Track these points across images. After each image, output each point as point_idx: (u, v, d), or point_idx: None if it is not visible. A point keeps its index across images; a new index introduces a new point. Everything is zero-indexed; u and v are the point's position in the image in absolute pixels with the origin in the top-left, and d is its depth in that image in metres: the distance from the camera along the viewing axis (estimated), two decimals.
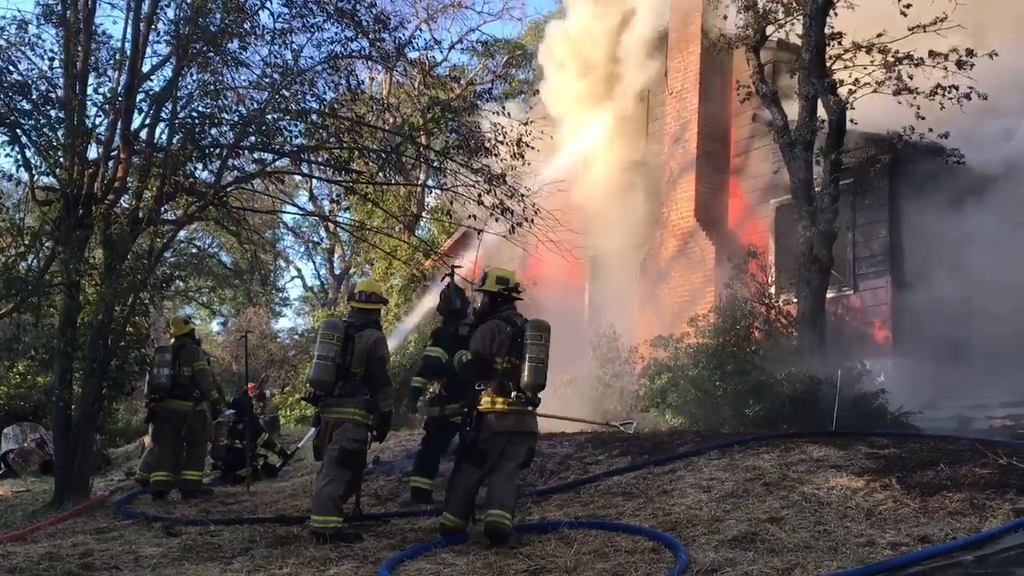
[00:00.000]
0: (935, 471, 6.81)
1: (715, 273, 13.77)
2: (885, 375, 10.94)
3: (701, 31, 14.87)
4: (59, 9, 9.58)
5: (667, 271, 14.87)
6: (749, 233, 14.09)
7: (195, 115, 9.84)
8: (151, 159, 9.68)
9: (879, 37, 10.98)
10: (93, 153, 9.54)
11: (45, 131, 9.26)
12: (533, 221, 10.47)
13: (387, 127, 13.26)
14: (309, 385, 7.09)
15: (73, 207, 9.01)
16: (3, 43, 9.39)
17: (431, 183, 19.13)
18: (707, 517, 6.40)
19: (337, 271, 36.30)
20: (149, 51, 9.79)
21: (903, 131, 10.88)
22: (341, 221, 24.21)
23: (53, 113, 9.33)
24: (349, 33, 10.33)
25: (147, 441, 12.34)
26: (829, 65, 11.16)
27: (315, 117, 10.36)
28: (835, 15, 11.17)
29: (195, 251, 26.73)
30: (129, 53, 9.51)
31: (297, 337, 28.95)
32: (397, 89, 24.92)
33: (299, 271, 44.71)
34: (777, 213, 13.77)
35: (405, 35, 12.45)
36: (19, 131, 9.24)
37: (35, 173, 9.51)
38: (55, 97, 9.48)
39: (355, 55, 10.66)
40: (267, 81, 10.26)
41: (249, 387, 12.55)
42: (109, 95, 9.54)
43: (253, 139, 10.18)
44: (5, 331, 10.89)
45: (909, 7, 10.55)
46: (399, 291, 20.51)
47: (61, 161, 9.17)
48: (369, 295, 7.18)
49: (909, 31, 10.72)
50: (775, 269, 13.21)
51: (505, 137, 10.49)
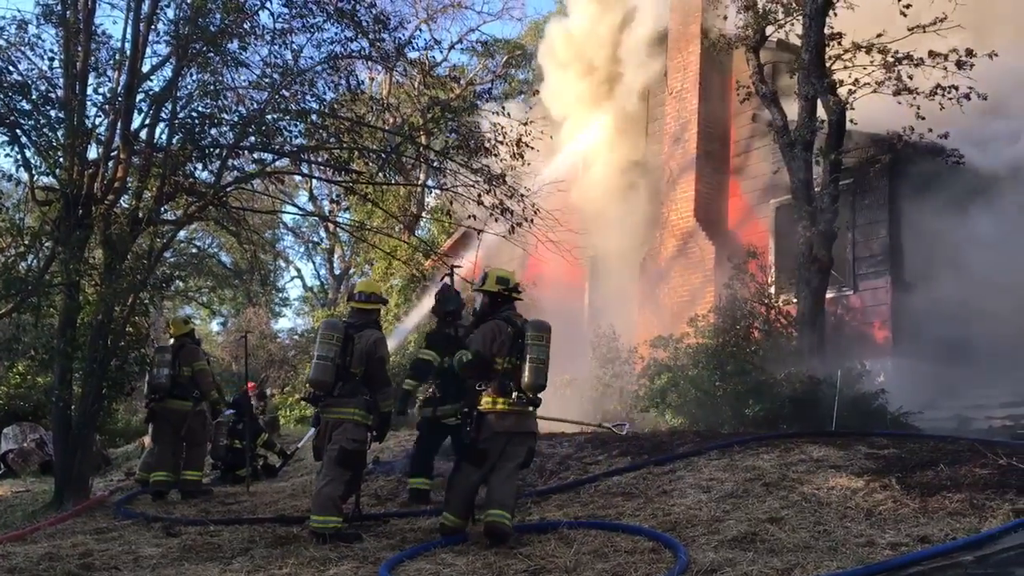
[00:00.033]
0: (935, 471, 6.81)
1: (715, 273, 13.77)
2: (885, 375, 10.94)
3: (701, 31, 14.88)
4: (59, 9, 9.57)
5: (667, 271, 14.87)
6: (749, 233, 14.09)
7: (195, 115, 9.84)
8: (151, 159, 9.68)
9: (879, 37, 10.98)
10: (93, 153, 9.55)
11: (45, 131, 9.25)
12: (533, 221, 10.46)
13: (387, 127, 13.26)
14: (309, 385, 7.09)
15: (73, 207, 9.01)
16: (3, 43, 9.38)
17: (431, 183, 19.14)
18: (707, 517, 6.40)
19: (337, 271, 36.28)
20: (149, 51, 9.81)
21: (903, 131, 10.89)
22: (341, 221, 24.26)
23: (53, 113, 9.33)
24: (349, 33, 10.33)
25: (147, 441, 12.34)
26: (829, 65, 11.17)
27: (315, 117, 10.36)
28: (835, 15, 11.17)
29: (195, 251, 26.70)
30: (129, 53, 9.50)
31: (297, 337, 28.95)
32: (397, 89, 24.90)
33: (299, 271, 44.75)
34: (777, 213, 13.78)
35: (405, 35, 12.45)
36: (19, 131, 9.23)
37: (35, 173, 9.51)
38: (55, 97, 9.47)
39: (355, 55, 10.66)
40: (267, 81, 10.26)
41: (249, 386, 12.54)
42: (109, 95, 9.54)
43: (253, 139, 10.18)
44: (5, 331, 10.87)
45: (909, 7, 10.55)
46: (399, 291, 20.50)
47: (61, 161, 9.16)
48: (369, 295, 7.18)
49: (909, 31, 10.73)
50: (775, 269, 13.22)
51: (505, 137, 10.50)
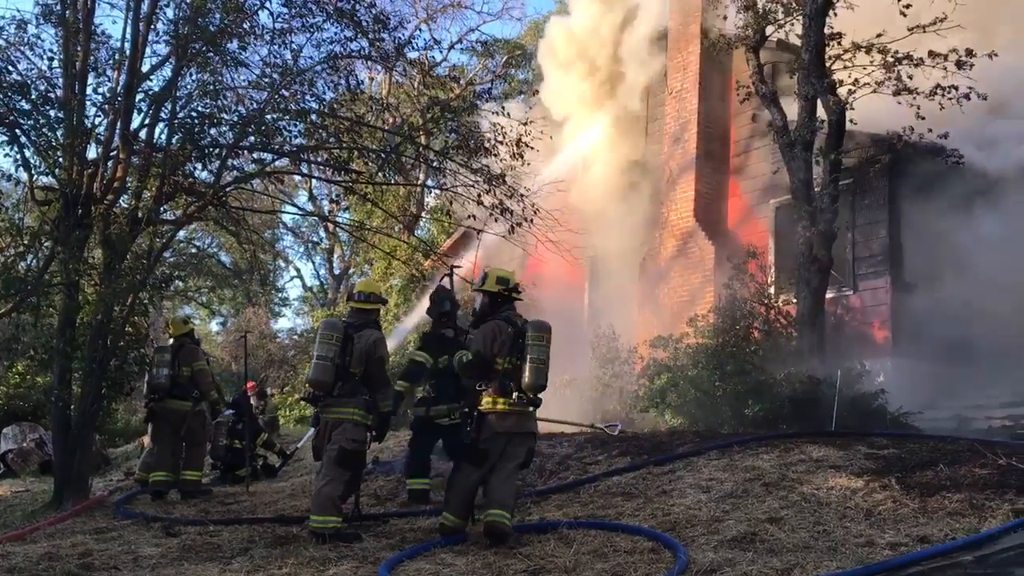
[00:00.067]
0: (934, 471, 6.80)
1: (714, 273, 13.77)
2: (884, 375, 10.94)
3: (701, 31, 14.88)
4: (58, 9, 9.57)
5: (666, 271, 14.87)
6: (749, 233, 14.08)
7: (194, 115, 9.84)
8: (150, 159, 9.67)
9: (879, 37, 10.98)
10: (92, 153, 9.55)
11: (44, 131, 9.25)
12: (532, 221, 10.46)
13: (386, 127, 13.25)
14: (308, 385, 7.08)
15: (72, 207, 9.01)
16: (2, 43, 9.38)
17: (431, 183, 19.10)
18: (706, 517, 6.40)
19: (336, 271, 36.26)
20: (148, 51, 9.82)
21: (903, 131, 10.88)
22: (340, 221, 24.22)
23: (52, 113, 9.33)
24: (348, 33, 10.34)
25: (146, 441, 12.34)
26: (829, 65, 11.16)
27: (314, 117, 10.36)
28: (835, 15, 11.17)
29: (194, 251, 26.72)
30: (128, 53, 9.51)
31: (296, 337, 28.96)
32: (397, 89, 24.90)
33: (298, 271, 44.75)
34: (777, 213, 13.77)
35: (405, 35, 12.45)
36: (18, 131, 9.23)
37: (34, 173, 9.51)
38: (54, 97, 9.47)
39: (354, 55, 10.67)
40: (266, 81, 10.26)
41: (248, 386, 12.54)
42: (108, 95, 9.53)
43: (252, 139, 10.18)
44: (4, 331, 10.87)
45: (909, 7, 10.55)
46: (398, 291, 20.49)
47: (60, 161, 9.16)
48: (368, 295, 7.18)
49: (909, 31, 10.72)
50: (774, 269, 13.22)
51: (504, 137, 10.50)
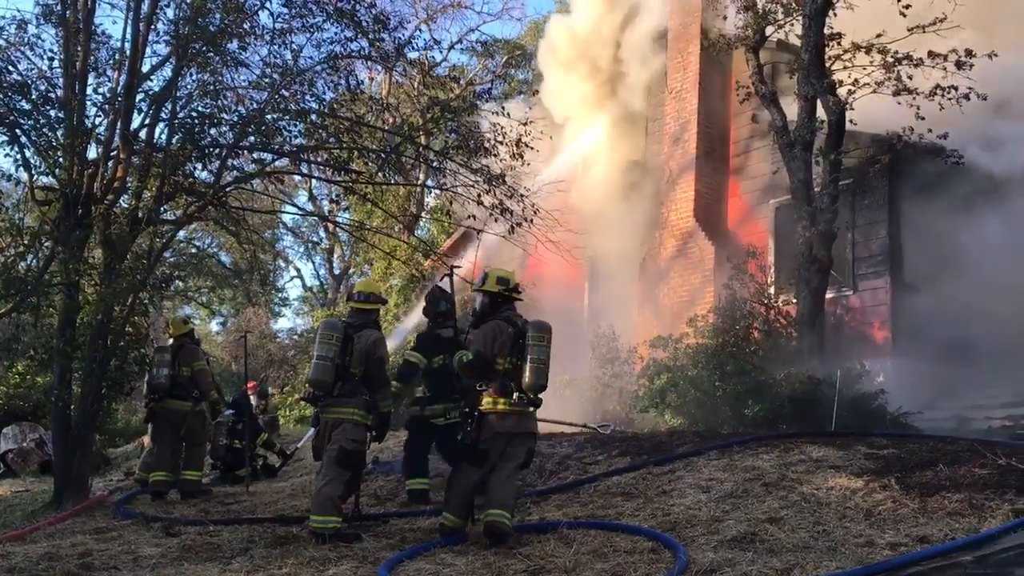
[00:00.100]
0: (934, 471, 6.81)
1: (714, 273, 13.77)
2: (884, 375, 10.94)
3: (700, 31, 14.88)
4: (59, 9, 9.57)
5: (666, 271, 14.87)
6: (748, 233, 14.09)
7: (195, 115, 9.84)
8: (150, 159, 9.67)
9: (878, 37, 10.98)
10: (92, 153, 9.54)
11: (44, 131, 9.25)
12: (532, 221, 10.46)
13: (386, 127, 13.24)
14: (308, 385, 7.08)
15: (72, 207, 9.01)
16: (3, 43, 9.38)
17: (430, 183, 19.10)
18: (706, 517, 6.40)
19: (336, 271, 36.26)
20: (149, 51, 9.81)
21: (902, 131, 10.88)
22: (340, 221, 24.21)
23: (52, 113, 9.32)
24: (349, 33, 10.33)
25: (146, 441, 12.34)
26: (828, 65, 11.16)
27: (314, 117, 10.36)
28: (834, 15, 11.17)
29: (194, 251, 26.71)
30: (129, 53, 9.50)
31: (296, 337, 28.96)
32: (397, 89, 24.90)
33: (298, 271, 44.75)
34: (776, 213, 13.78)
35: (405, 35, 12.43)
36: (19, 131, 9.22)
37: (34, 173, 9.51)
38: (54, 97, 9.47)
39: (355, 55, 10.66)
40: (267, 81, 10.25)
41: (249, 386, 12.54)
42: (109, 95, 9.53)
43: (252, 139, 10.17)
44: (4, 331, 10.87)
45: (908, 7, 10.55)
46: (398, 291, 20.49)
47: (60, 161, 9.16)
48: (368, 295, 7.18)
49: (909, 31, 10.73)
50: (774, 269, 13.22)
51: (504, 137, 10.50)
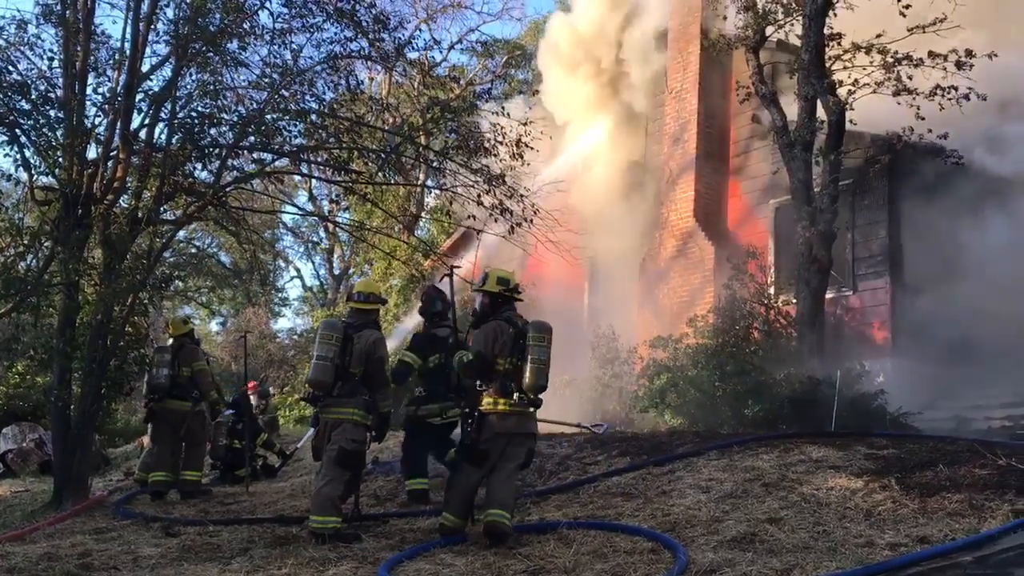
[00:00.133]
0: (934, 472, 6.80)
1: (714, 274, 13.77)
2: (884, 376, 10.94)
3: (700, 31, 14.88)
4: (58, 9, 9.57)
5: (666, 272, 14.87)
6: (748, 233, 14.09)
7: (194, 115, 9.83)
8: (150, 159, 9.67)
9: (878, 38, 10.97)
10: (92, 153, 9.55)
11: (44, 131, 9.25)
12: (532, 221, 10.46)
13: (386, 127, 13.25)
14: (308, 385, 7.09)
15: (72, 207, 9.00)
16: (3, 43, 9.38)
17: (430, 183, 19.10)
18: (706, 518, 6.40)
19: (336, 271, 36.25)
20: (148, 51, 9.81)
21: (902, 132, 10.88)
22: (340, 221, 24.20)
23: (52, 113, 9.33)
24: (348, 33, 10.33)
25: (146, 441, 12.33)
26: (828, 66, 11.16)
27: (314, 117, 10.36)
28: (834, 16, 11.16)
29: (194, 251, 26.66)
30: (128, 53, 9.50)
31: (296, 337, 28.99)
32: (396, 89, 24.89)
33: (298, 271, 44.70)
34: (776, 213, 13.78)
35: (404, 35, 12.45)
36: (18, 131, 9.22)
37: (34, 173, 9.51)
38: (54, 97, 9.46)
39: (354, 55, 10.66)
40: (266, 81, 10.25)
41: (249, 386, 12.53)
42: (108, 95, 9.53)
43: (252, 139, 10.17)
44: (4, 331, 10.87)
45: (908, 7, 10.55)
46: (398, 291, 20.48)
47: (60, 161, 9.16)
48: (368, 295, 7.18)
49: (909, 31, 10.72)
50: (774, 269, 13.22)
51: (504, 137, 10.50)
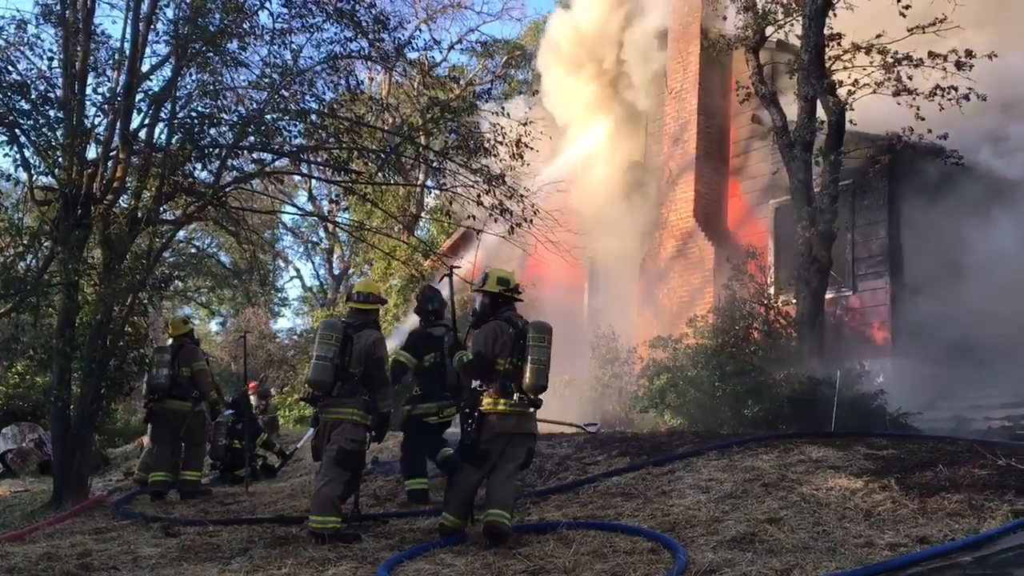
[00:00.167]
0: (934, 472, 6.80)
1: (714, 274, 13.78)
2: (884, 376, 10.93)
3: (700, 31, 14.88)
4: (58, 9, 9.57)
5: (666, 272, 14.87)
6: (748, 234, 14.09)
7: (194, 115, 9.83)
8: (150, 159, 9.67)
9: (878, 38, 10.97)
10: (92, 153, 9.55)
11: (44, 131, 9.25)
12: (532, 222, 10.46)
13: (386, 127, 13.25)
14: (308, 385, 7.09)
15: (72, 207, 9.01)
16: (2, 43, 9.38)
17: (430, 183, 19.10)
18: (706, 518, 6.40)
19: (336, 271, 36.27)
20: (148, 51, 9.81)
21: (902, 132, 10.87)
22: (340, 221, 24.22)
23: (52, 113, 9.33)
24: (348, 33, 10.33)
25: (145, 441, 12.33)
26: (828, 66, 11.15)
27: (314, 117, 10.36)
28: (834, 16, 11.16)
29: (194, 251, 26.65)
30: (128, 53, 9.51)
31: (296, 337, 29.01)
32: (396, 89, 24.90)
33: (298, 271, 44.76)
34: (776, 214, 13.77)
35: (404, 35, 12.44)
36: (18, 131, 9.22)
37: (34, 173, 9.50)
38: (54, 97, 9.47)
39: (354, 55, 10.66)
40: (266, 81, 10.25)
41: (250, 386, 12.53)
42: (108, 95, 9.53)
43: (252, 139, 10.17)
44: (4, 331, 10.87)
45: (908, 8, 10.54)
46: (398, 291, 20.49)
47: (60, 161, 9.16)
48: (367, 295, 7.18)
49: (908, 32, 10.72)
50: (774, 270, 13.21)
51: (504, 138, 10.50)
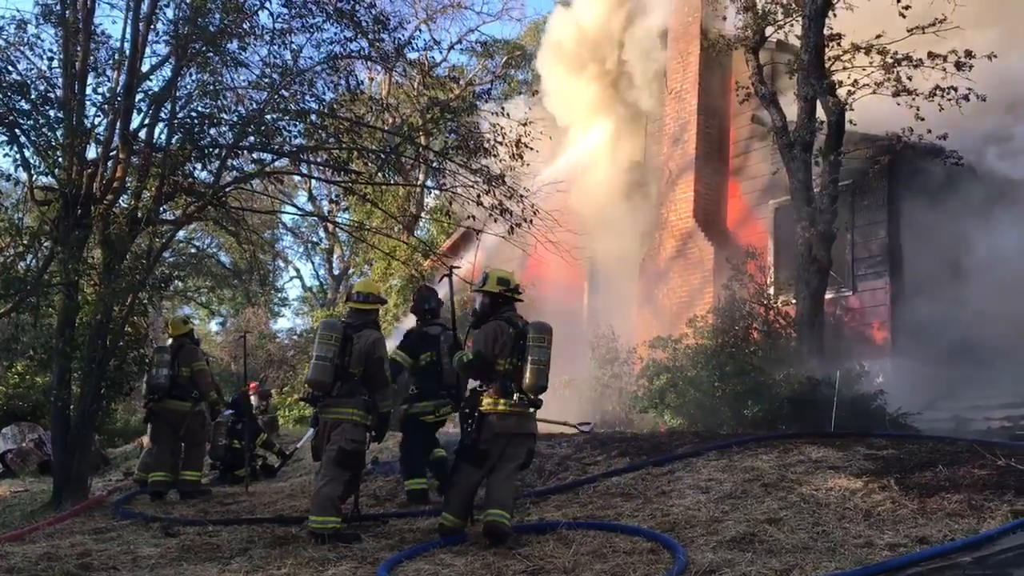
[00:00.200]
0: (933, 472, 6.80)
1: (714, 274, 13.78)
2: (883, 376, 10.93)
3: (700, 31, 14.88)
4: (58, 9, 9.57)
5: (666, 272, 14.87)
6: (748, 234, 14.09)
7: (194, 115, 9.84)
8: (150, 159, 9.67)
9: (878, 38, 10.97)
10: (92, 153, 9.56)
11: (44, 131, 9.25)
12: (532, 222, 10.46)
13: (386, 127, 13.25)
14: (307, 385, 7.09)
15: (72, 207, 9.01)
16: (2, 43, 9.38)
17: (430, 183, 19.10)
18: (705, 518, 6.40)
19: (336, 271, 36.27)
20: (148, 51, 9.82)
21: (902, 132, 10.88)
22: (340, 221, 24.21)
23: (52, 113, 9.33)
24: (348, 33, 10.34)
25: (145, 441, 12.33)
26: (828, 66, 11.15)
27: (314, 117, 10.36)
28: (834, 16, 11.16)
29: (194, 251, 26.64)
30: (128, 53, 9.51)
31: (296, 337, 28.99)
32: (396, 89, 24.89)
33: (298, 271, 44.74)
34: (776, 214, 13.77)
35: (404, 35, 12.42)
36: (18, 131, 9.23)
37: (34, 173, 9.51)
38: (54, 97, 9.47)
39: (354, 55, 10.67)
40: (266, 81, 10.26)
41: (251, 386, 12.52)
42: (108, 95, 9.54)
43: (252, 139, 10.18)
44: (4, 331, 10.87)
45: (908, 8, 10.54)
46: (398, 291, 20.49)
47: (60, 161, 9.16)
48: (367, 295, 7.18)
49: (908, 32, 10.72)
50: (774, 270, 13.21)
51: (504, 138, 10.50)
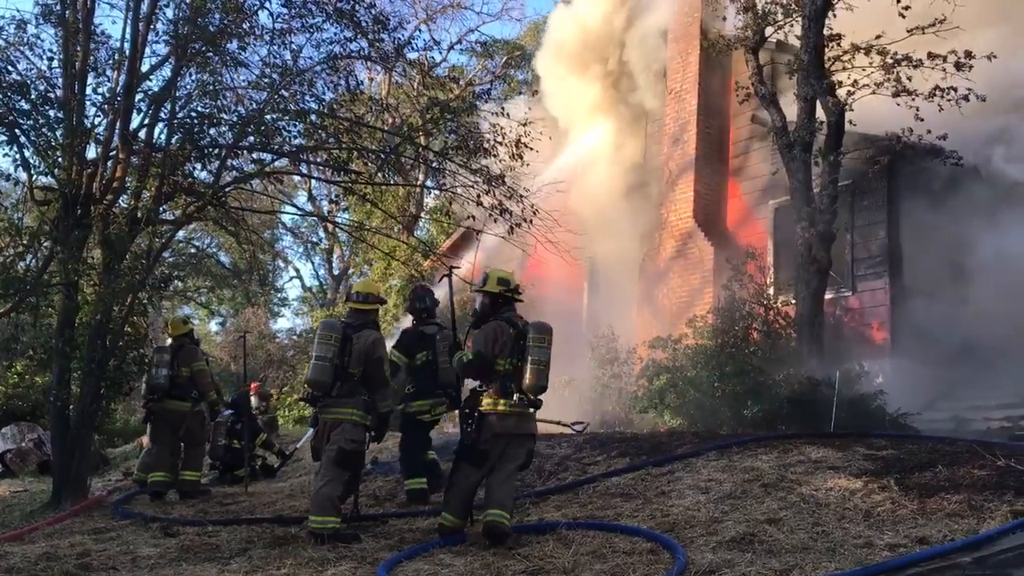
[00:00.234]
0: (933, 472, 6.81)
1: (713, 274, 13.78)
2: (883, 376, 10.92)
3: (700, 32, 14.88)
4: (58, 9, 9.58)
5: (666, 272, 14.87)
6: (748, 234, 14.09)
7: (194, 115, 9.84)
8: (150, 159, 9.68)
9: (878, 39, 10.98)
10: (92, 153, 9.57)
11: (44, 131, 9.26)
12: (532, 222, 10.47)
13: (386, 127, 13.25)
14: (307, 386, 7.10)
15: (72, 207, 9.01)
16: (2, 43, 9.39)
17: (430, 184, 19.10)
18: (705, 518, 6.40)
19: (336, 271, 36.26)
20: (148, 51, 9.82)
21: (902, 133, 10.88)
22: (340, 221, 24.20)
23: (52, 113, 9.34)
24: (348, 33, 10.34)
25: (145, 441, 12.33)
26: (828, 66, 11.15)
27: (314, 117, 10.36)
28: (834, 16, 11.16)
29: (194, 251, 26.61)
30: (128, 53, 9.51)
31: (296, 337, 28.94)
32: (396, 89, 24.88)
33: (298, 271, 44.80)
34: (776, 214, 13.77)
35: (404, 36, 12.39)
36: (18, 131, 9.23)
37: (34, 173, 9.51)
38: (54, 97, 9.47)
39: (354, 55, 10.67)
40: (266, 81, 10.26)
41: (252, 386, 12.51)
42: (108, 95, 9.54)
43: (252, 139, 10.18)
44: (3, 331, 10.87)
45: (908, 8, 10.55)
46: (398, 292, 20.47)
47: (60, 161, 9.17)
48: (367, 296, 7.18)
49: (908, 32, 10.72)
50: (773, 270, 13.21)
51: (504, 138, 10.50)
